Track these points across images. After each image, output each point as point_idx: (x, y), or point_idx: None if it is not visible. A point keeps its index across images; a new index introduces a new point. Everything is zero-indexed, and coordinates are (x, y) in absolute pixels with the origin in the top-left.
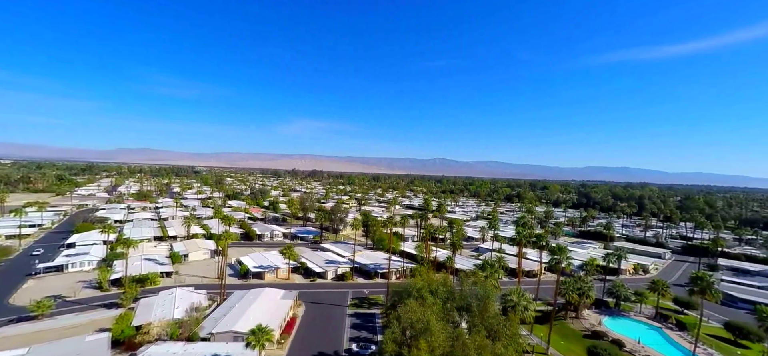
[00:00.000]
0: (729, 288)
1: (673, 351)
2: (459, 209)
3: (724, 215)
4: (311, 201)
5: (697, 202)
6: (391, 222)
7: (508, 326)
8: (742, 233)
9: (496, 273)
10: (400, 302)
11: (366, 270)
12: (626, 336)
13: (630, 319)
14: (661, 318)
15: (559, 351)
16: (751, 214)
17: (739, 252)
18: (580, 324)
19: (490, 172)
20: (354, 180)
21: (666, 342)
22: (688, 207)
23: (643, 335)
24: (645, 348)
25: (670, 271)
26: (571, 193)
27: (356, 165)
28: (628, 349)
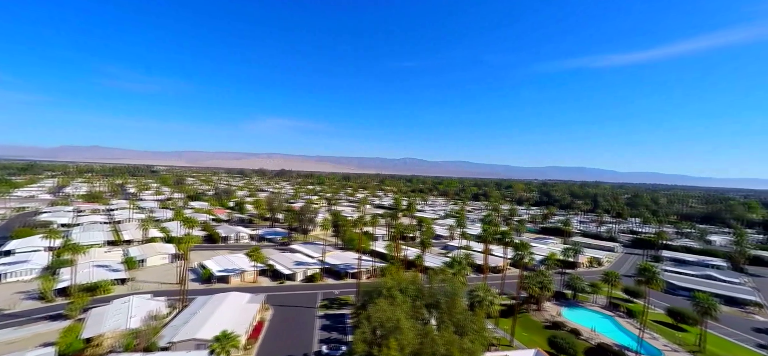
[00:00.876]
0: (671, 277)
1: (623, 337)
2: (428, 208)
3: (667, 211)
4: (279, 202)
5: (643, 200)
6: (361, 222)
7: (475, 321)
8: (682, 227)
9: (463, 269)
10: (370, 301)
11: (336, 271)
12: (582, 325)
13: (586, 309)
14: (613, 307)
15: (522, 342)
16: (689, 210)
17: (679, 244)
18: (542, 316)
19: (458, 171)
20: (324, 180)
21: (617, 329)
22: (636, 204)
23: (597, 323)
24: (599, 335)
25: (621, 263)
26: (534, 192)
27: (326, 164)
28: (584, 337)
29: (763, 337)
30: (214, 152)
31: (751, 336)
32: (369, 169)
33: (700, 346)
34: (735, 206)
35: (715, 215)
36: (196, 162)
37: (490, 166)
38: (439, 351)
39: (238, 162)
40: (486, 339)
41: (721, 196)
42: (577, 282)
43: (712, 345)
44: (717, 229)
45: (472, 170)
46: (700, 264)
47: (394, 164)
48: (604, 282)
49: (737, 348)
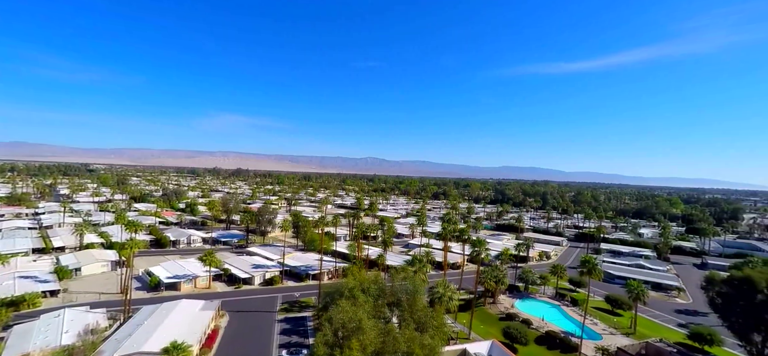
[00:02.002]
0: (608, 267)
1: (568, 324)
2: (390, 207)
3: (605, 207)
4: (236, 203)
5: (586, 197)
6: (322, 222)
7: (435, 317)
8: (618, 221)
9: (424, 267)
10: (332, 303)
11: (297, 273)
12: (533, 315)
13: (536, 300)
14: (560, 297)
15: (479, 334)
16: (623, 206)
17: (615, 237)
18: (497, 309)
19: (419, 170)
20: (283, 179)
21: (563, 316)
22: (580, 201)
23: (545, 313)
24: (547, 323)
25: (567, 256)
26: (490, 190)
27: (285, 163)
28: (535, 326)
29: (683, 317)
30: (161, 150)
31: (673, 317)
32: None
33: (632, 328)
34: (661, 202)
35: (645, 210)
36: (140, 160)
37: (450, 166)
38: (400, 348)
39: (189, 160)
40: (445, 334)
41: (649, 194)
42: (528, 275)
43: (641, 327)
44: (646, 223)
45: (433, 170)
46: (632, 254)
47: (356, 163)
48: (552, 274)
49: (662, 328)
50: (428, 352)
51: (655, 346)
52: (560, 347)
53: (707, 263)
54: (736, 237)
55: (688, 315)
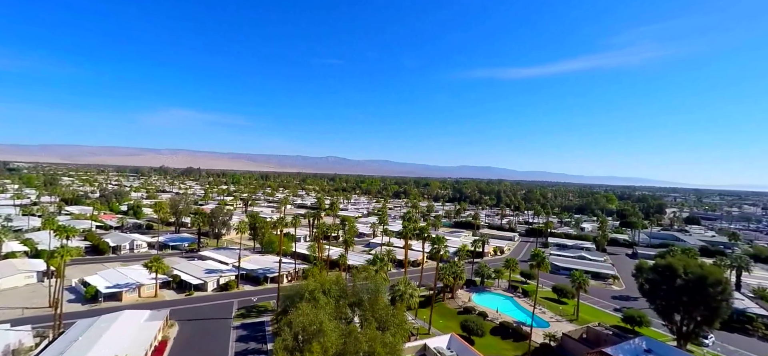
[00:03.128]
0: (555, 259)
1: (520, 314)
2: (351, 207)
3: (552, 204)
4: (186, 204)
5: (535, 195)
6: (282, 223)
7: (396, 315)
8: (563, 217)
9: (385, 266)
10: (292, 306)
11: (254, 276)
12: (489, 308)
13: (491, 293)
14: (513, 289)
15: (438, 329)
16: (568, 203)
17: (561, 231)
18: (455, 303)
19: (381, 170)
20: (239, 178)
21: (516, 307)
22: (530, 199)
23: (500, 305)
24: (502, 315)
25: (519, 250)
26: (448, 189)
27: (242, 162)
28: (490, 318)
29: (618, 302)
30: (99, 147)
31: (610, 302)
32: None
33: (575, 315)
34: (599, 199)
35: (586, 206)
36: (73, 158)
37: (410, 165)
38: (362, 348)
39: (132, 158)
40: (406, 331)
41: (590, 191)
42: (484, 270)
43: (584, 313)
44: (587, 218)
45: (394, 169)
46: (575, 247)
47: (316, 162)
48: (506, 268)
49: (601, 313)
50: (390, 350)
51: (595, 330)
52: (513, 336)
53: (637, 253)
54: (660, 229)
55: (622, 300)
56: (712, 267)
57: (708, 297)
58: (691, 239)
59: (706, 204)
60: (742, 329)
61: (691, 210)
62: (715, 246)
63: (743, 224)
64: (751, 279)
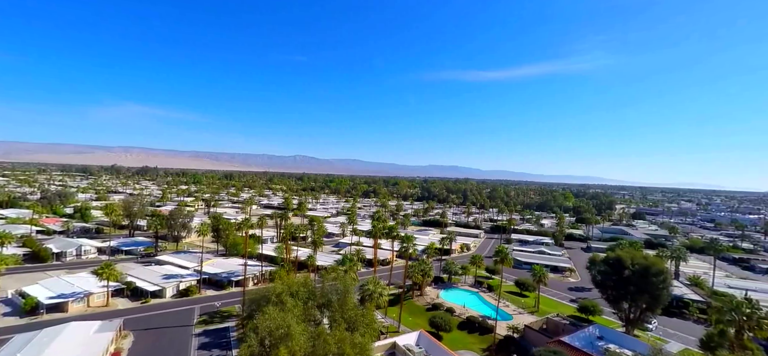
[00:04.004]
0: (517, 255)
1: (485, 308)
2: (320, 206)
3: (515, 202)
4: (142, 205)
5: (499, 193)
6: (247, 224)
7: (366, 315)
8: (525, 214)
9: (354, 266)
10: (258, 310)
11: (217, 281)
12: (456, 304)
13: (458, 289)
14: (478, 284)
15: (407, 326)
16: (529, 200)
17: (522, 228)
18: (424, 300)
19: (350, 169)
20: (200, 178)
21: (481, 302)
22: (494, 197)
23: (466, 300)
24: (468, 310)
25: (484, 247)
26: (417, 188)
27: (203, 161)
28: (457, 314)
29: (574, 293)
30: (41, 144)
31: (567, 294)
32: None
33: (536, 307)
34: (557, 197)
35: (545, 204)
36: (9, 156)
37: (380, 164)
38: (331, 350)
39: (79, 157)
40: (376, 331)
41: (549, 190)
42: (451, 267)
43: (544, 305)
44: (547, 215)
45: (363, 168)
46: (536, 242)
47: (284, 161)
48: (472, 264)
49: (559, 304)
50: (359, 350)
51: (554, 321)
52: (479, 330)
53: (591, 247)
54: (611, 225)
55: (577, 291)
56: (654, 259)
57: (651, 286)
58: (637, 233)
59: (650, 200)
60: (680, 314)
61: (638, 207)
62: (658, 239)
63: (681, 218)
64: (688, 268)
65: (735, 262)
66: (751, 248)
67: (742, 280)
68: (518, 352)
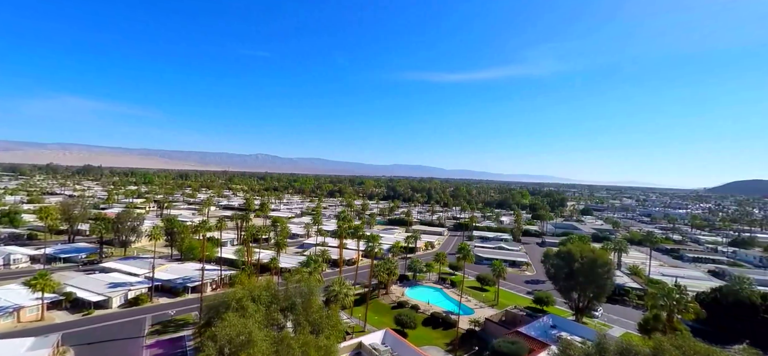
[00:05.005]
0: (479, 251)
1: (449, 303)
2: (284, 207)
3: (476, 200)
4: (83, 208)
5: (462, 192)
6: (204, 227)
7: (331, 316)
8: (485, 212)
9: (319, 267)
10: (216, 317)
11: (172, 287)
12: (420, 300)
13: (423, 286)
14: (442, 281)
15: (373, 325)
16: (489, 199)
17: (483, 225)
18: (389, 299)
19: (314, 168)
20: (152, 178)
21: (445, 298)
22: (457, 196)
23: (430, 296)
24: (432, 306)
25: (448, 244)
26: (382, 188)
27: (155, 160)
28: (422, 310)
29: (530, 286)
30: None
31: (523, 287)
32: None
33: (496, 300)
34: (515, 195)
35: (504, 202)
36: None
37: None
38: (295, 355)
39: (6, 154)
40: (341, 332)
41: (507, 188)
42: (416, 265)
43: (503, 298)
44: (505, 212)
45: (328, 167)
46: (495, 239)
47: (244, 160)
48: (436, 262)
49: (517, 297)
50: (324, 353)
51: (512, 312)
52: (443, 325)
53: (545, 242)
54: (563, 220)
55: (533, 284)
56: (600, 252)
57: (598, 277)
58: (586, 228)
59: (596, 197)
60: (622, 301)
61: (586, 204)
62: (603, 233)
63: (622, 213)
64: (628, 259)
65: (667, 252)
66: (681, 239)
67: (673, 268)
68: (479, 345)
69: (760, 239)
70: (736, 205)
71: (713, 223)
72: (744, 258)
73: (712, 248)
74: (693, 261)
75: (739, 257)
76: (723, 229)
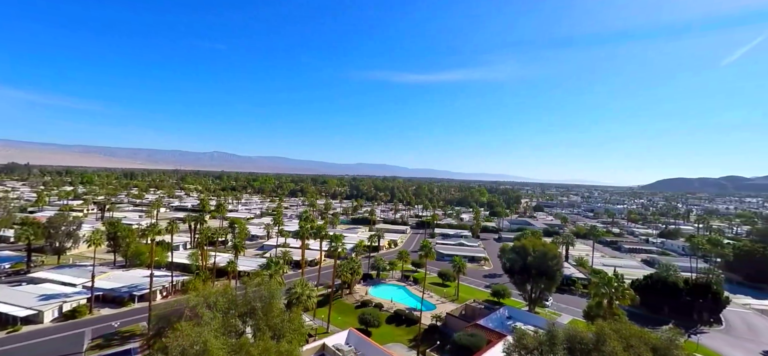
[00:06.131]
0: (440, 248)
1: (411, 300)
2: (242, 207)
3: (438, 198)
4: (7, 211)
5: (424, 190)
6: (153, 230)
7: (292, 320)
8: (446, 210)
9: (280, 269)
10: (168, 327)
11: (116, 297)
12: (384, 298)
13: (386, 284)
14: (405, 278)
15: (337, 325)
16: (450, 197)
17: (445, 222)
18: (353, 298)
19: (276, 167)
20: (92, 178)
21: (408, 295)
22: (420, 194)
23: (394, 294)
24: (396, 304)
25: (411, 242)
26: (346, 187)
27: (95, 157)
28: (386, 308)
29: (488, 280)
30: None
31: (482, 281)
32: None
33: (456, 295)
34: (474, 193)
35: (464, 200)
36: None
37: (307, 162)
38: None
39: None
40: (303, 335)
41: (467, 186)
42: (380, 263)
43: (463, 292)
44: (465, 209)
45: (290, 166)
46: (456, 235)
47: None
48: (399, 260)
49: (476, 291)
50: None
51: (471, 306)
52: (406, 322)
53: (501, 237)
54: (517, 217)
55: (491, 278)
56: (550, 245)
57: (548, 269)
58: (538, 223)
59: (547, 194)
60: (569, 290)
61: (538, 200)
62: (553, 228)
63: (570, 209)
64: (575, 252)
65: (608, 244)
66: (619, 232)
67: (613, 259)
68: (441, 339)
69: (683, 230)
70: (664, 201)
71: (646, 217)
72: (671, 248)
73: (645, 239)
74: (629, 252)
75: (666, 247)
76: (653, 222)
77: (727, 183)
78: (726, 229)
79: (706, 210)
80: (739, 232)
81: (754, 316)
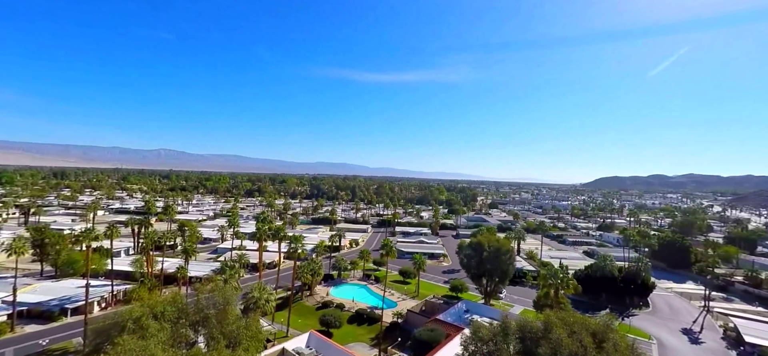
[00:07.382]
0: (401, 246)
1: (373, 299)
2: (194, 208)
3: (399, 197)
4: None
5: (385, 189)
6: (89, 235)
7: (249, 326)
8: (407, 208)
9: (236, 273)
10: (107, 342)
11: (43, 311)
12: (345, 299)
13: (348, 284)
14: (366, 277)
15: (297, 328)
16: (411, 195)
17: (405, 221)
18: (314, 299)
19: (231, 166)
20: (13, 177)
21: (369, 294)
22: (380, 193)
23: (355, 294)
24: (357, 303)
25: (372, 241)
26: (306, 186)
27: (17, 154)
28: (347, 308)
29: (447, 276)
30: None
31: (441, 277)
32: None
33: (417, 292)
34: (433, 191)
35: (424, 198)
36: None
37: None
38: None
39: None
40: (261, 341)
41: (427, 185)
42: (341, 263)
43: (423, 289)
44: (425, 208)
45: (247, 165)
46: (416, 233)
47: (143, 156)
48: (360, 259)
49: (435, 287)
50: None
51: (431, 302)
52: (368, 321)
53: (459, 234)
54: (474, 214)
55: (450, 273)
56: (504, 240)
57: (502, 263)
58: (493, 220)
59: (501, 192)
60: (521, 282)
61: (493, 198)
62: (506, 224)
63: (521, 206)
64: (525, 246)
65: (554, 238)
66: (564, 226)
67: (559, 251)
68: (402, 335)
69: (617, 223)
70: (602, 197)
71: (586, 212)
72: (607, 240)
73: (586, 232)
74: (573, 245)
75: (604, 239)
76: (593, 217)
77: (654, 181)
78: (652, 222)
79: (636, 206)
80: (662, 225)
81: (675, 298)
